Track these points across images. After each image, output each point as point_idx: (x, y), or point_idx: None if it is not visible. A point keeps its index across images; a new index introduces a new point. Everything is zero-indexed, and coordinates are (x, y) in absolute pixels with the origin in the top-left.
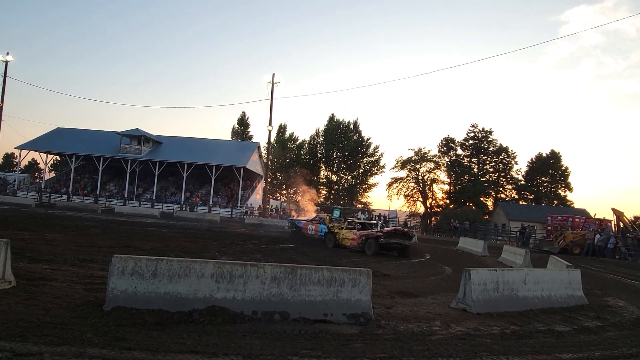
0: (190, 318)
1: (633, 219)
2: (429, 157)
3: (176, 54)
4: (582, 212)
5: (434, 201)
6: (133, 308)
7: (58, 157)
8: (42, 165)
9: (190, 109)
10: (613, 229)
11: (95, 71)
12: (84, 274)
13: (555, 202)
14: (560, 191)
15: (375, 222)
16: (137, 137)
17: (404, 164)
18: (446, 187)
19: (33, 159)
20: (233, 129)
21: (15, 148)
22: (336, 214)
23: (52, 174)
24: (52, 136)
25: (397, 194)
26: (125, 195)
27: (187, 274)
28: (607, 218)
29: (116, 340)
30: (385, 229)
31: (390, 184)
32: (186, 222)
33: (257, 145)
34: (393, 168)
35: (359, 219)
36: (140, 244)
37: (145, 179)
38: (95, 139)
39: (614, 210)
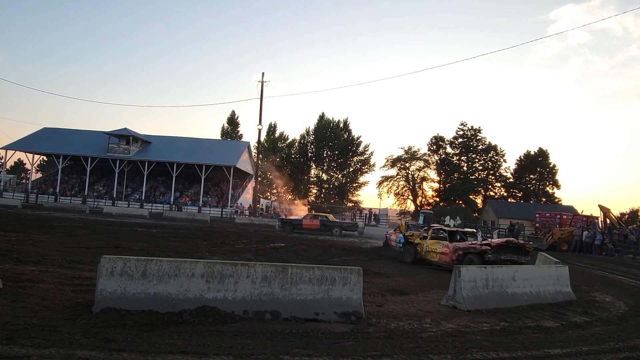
0: (181, 318)
1: (619, 215)
2: (418, 156)
3: (166, 54)
4: (570, 209)
5: (424, 199)
6: (122, 309)
7: (45, 158)
8: (28, 166)
9: (179, 108)
10: (600, 225)
11: (83, 71)
12: (72, 275)
13: (544, 199)
14: (548, 189)
15: (473, 230)
16: (126, 136)
17: (394, 162)
18: (436, 185)
19: (19, 159)
20: (223, 128)
21: (1, 148)
22: (420, 219)
23: (39, 175)
24: (39, 136)
25: (388, 192)
26: (114, 196)
27: (177, 274)
28: (594, 215)
29: (105, 342)
30: (493, 240)
31: (380, 183)
32: (176, 222)
33: (247, 145)
34: (383, 166)
35: (447, 225)
36: (129, 245)
37: (134, 179)
38: (82, 138)
39: (600, 206)
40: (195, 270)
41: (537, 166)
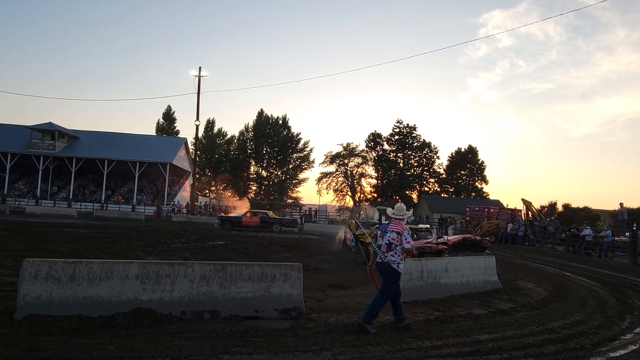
0: (114, 322)
1: (540, 208)
2: (357, 152)
3: (97, 46)
4: (497, 203)
5: (362, 195)
6: (49, 315)
7: None
8: None
9: (112, 104)
10: (523, 218)
11: (5, 62)
12: None
13: (473, 194)
14: (477, 184)
15: (427, 226)
16: (50, 131)
17: (332, 158)
18: (374, 181)
19: None
20: (158, 123)
21: None
22: (376, 216)
23: None
24: None
25: (327, 188)
26: (38, 195)
27: (110, 276)
28: (517, 208)
29: (29, 351)
30: (450, 238)
31: (319, 179)
32: (108, 222)
33: (184, 141)
34: (322, 163)
35: None
36: (55, 247)
37: (61, 177)
38: (1, 133)
39: (523, 200)
40: (129, 272)
41: (467, 162)
